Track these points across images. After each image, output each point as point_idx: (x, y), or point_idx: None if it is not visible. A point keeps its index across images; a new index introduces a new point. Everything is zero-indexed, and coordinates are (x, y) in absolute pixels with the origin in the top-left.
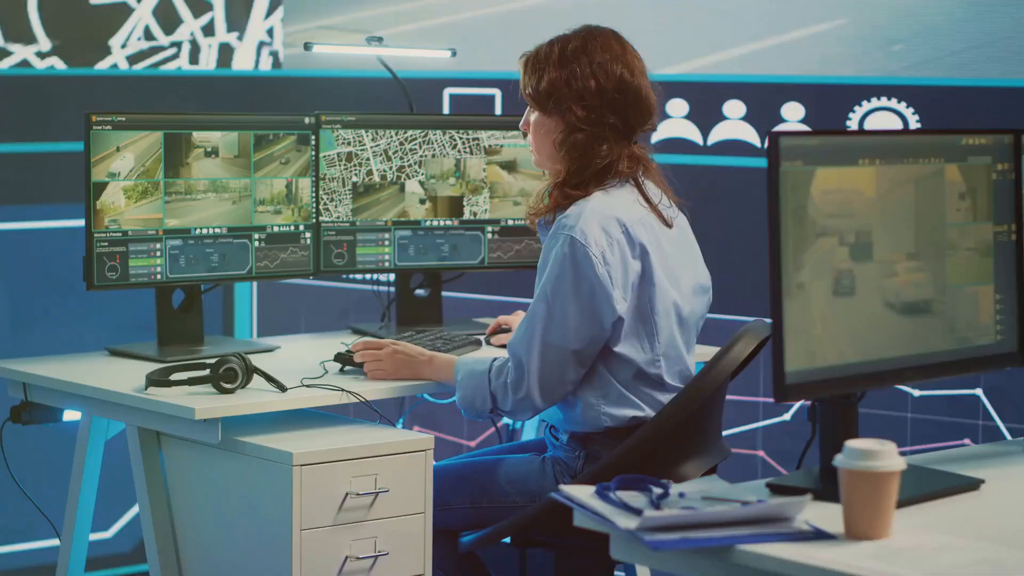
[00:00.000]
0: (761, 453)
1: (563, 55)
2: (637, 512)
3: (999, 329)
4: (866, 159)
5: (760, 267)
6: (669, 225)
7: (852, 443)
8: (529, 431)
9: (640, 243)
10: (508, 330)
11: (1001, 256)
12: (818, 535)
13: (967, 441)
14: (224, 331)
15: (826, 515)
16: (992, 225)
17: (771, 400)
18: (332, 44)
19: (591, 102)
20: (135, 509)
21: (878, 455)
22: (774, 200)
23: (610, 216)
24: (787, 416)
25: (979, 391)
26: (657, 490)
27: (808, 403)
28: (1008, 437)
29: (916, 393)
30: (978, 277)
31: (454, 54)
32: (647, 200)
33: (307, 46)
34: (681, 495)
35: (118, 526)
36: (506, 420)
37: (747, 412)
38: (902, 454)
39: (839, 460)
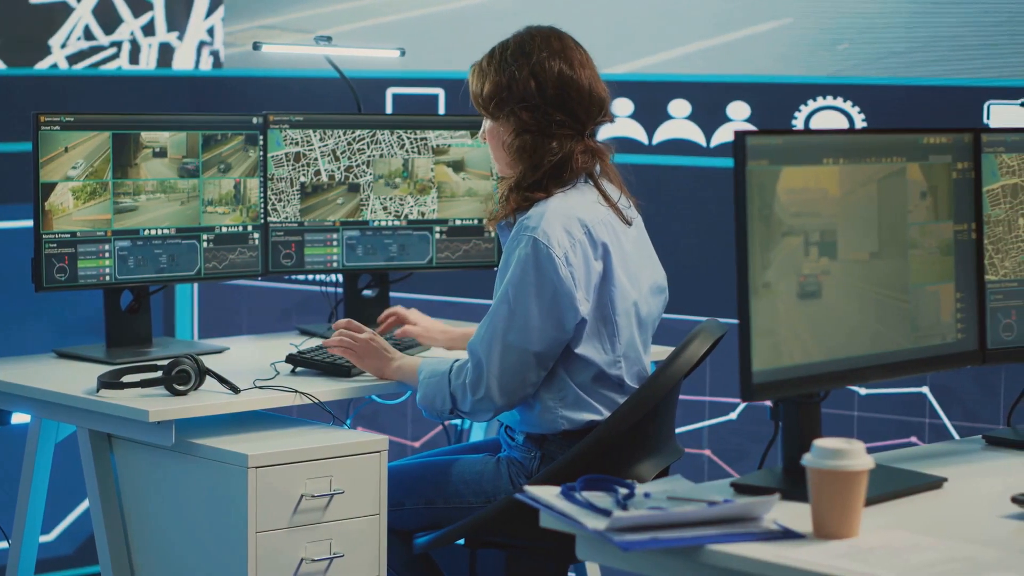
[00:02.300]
0: (707, 452)
1: (502, 59)
2: (604, 513)
3: (960, 328)
4: (830, 158)
5: (707, 266)
6: (628, 224)
7: (820, 442)
8: (478, 432)
9: (602, 243)
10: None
11: (961, 255)
12: (787, 534)
13: (914, 439)
14: (165, 332)
15: (792, 514)
16: (952, 224)
17: (717, 399)
18: (280, 44)
19: (533, 102)
20: (77, 511)
21: (847, 454)
22: (740, 199)
23: (572, 217)
24: (733, 415)
25: (925, 389)
26: (623, 490)
27: (769, 403)
28: (955, 434)
29: (863, 391)
30: (939, 276)
31: (403, 54)
32: (606, 199)
33: (256, 46)
34: (646, 495)
35: (60, 528)
36: (455, 421)
37: (693, 411)
38: None
39: (808, 460)
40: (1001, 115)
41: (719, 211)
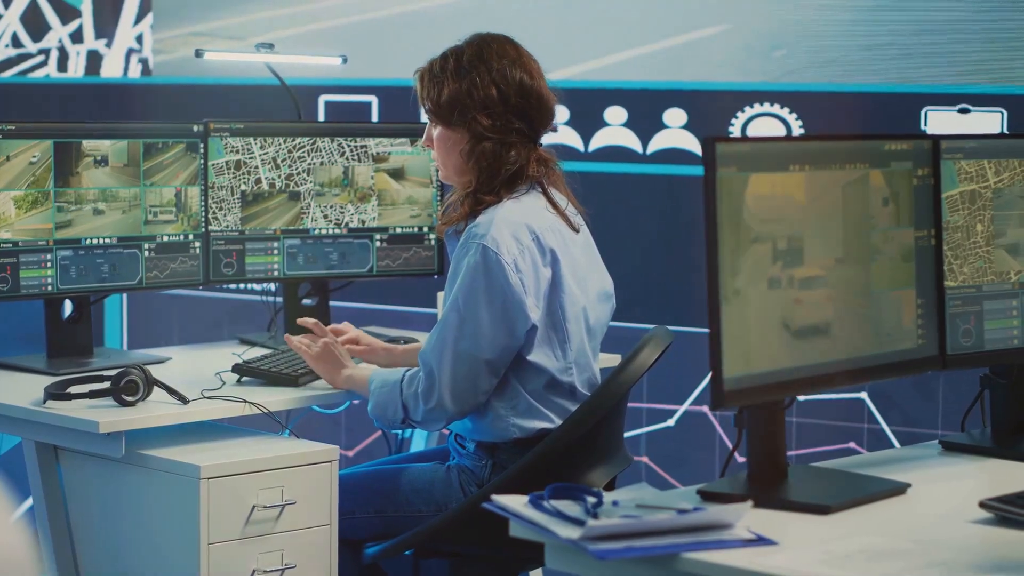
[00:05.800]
0: (645, 459)
1: (459, 66)
2: (575, 521)
3: (920, 333)
4: (796, 165)
5: (645, 273)
6: (576, 230)
7: None
8: (419, 440)
9: (551, 249)
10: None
11: (921, 261)
12: (761, 541)
13: (852, 444)
14: (94, 342)
15: (762, 521)
16: (913, 230)
17: (655, 406)
18: (221, 51)
19: (495, 109)
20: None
21: None
22: (711, 206)
23: (520, 223)
24: (671, 422)
25: (864, 394)
26: (591, 499)
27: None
28: (894, 440)
29: (801, 397)
30: (901, 282)
31: (345, 60)
32: (554, 206)
33: (198, 53)
34: (615, 503)
35: None
36: (395, 430)
37: (631, 418)
38: (789, 459)
39: None
40: (939, 121)
41: (656, 218)
